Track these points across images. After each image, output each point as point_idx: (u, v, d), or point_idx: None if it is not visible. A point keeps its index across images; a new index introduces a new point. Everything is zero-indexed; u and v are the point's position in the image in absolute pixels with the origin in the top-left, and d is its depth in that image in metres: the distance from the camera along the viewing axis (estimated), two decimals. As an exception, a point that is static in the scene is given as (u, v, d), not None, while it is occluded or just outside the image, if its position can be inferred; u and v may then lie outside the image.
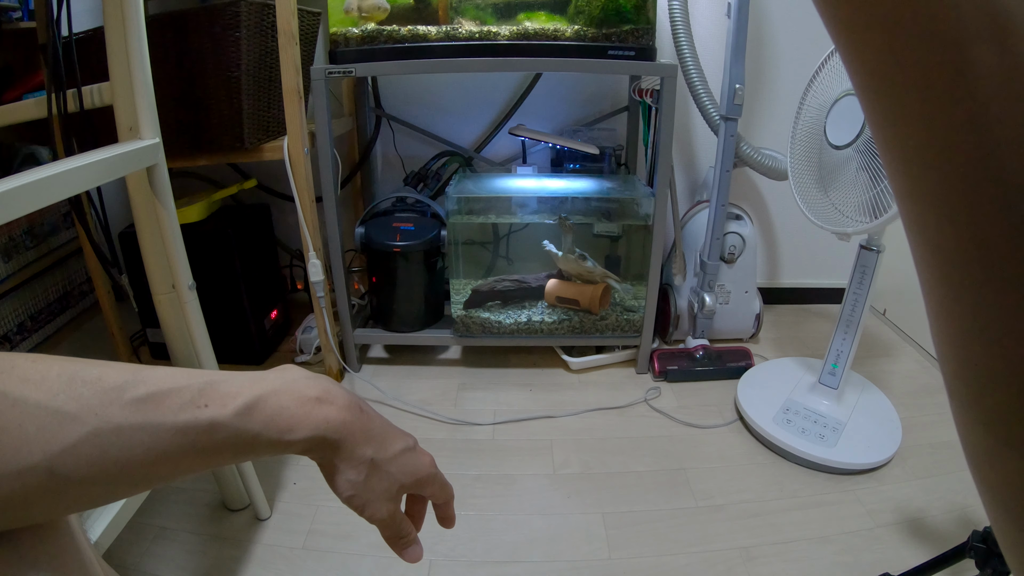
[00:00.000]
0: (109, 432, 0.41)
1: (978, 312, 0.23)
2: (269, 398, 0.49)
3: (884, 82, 0.23)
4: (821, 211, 1.35)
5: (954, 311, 0.24)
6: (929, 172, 0.23)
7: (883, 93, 0.23)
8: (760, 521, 1.29)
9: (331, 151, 1.59)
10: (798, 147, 1.41)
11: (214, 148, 1.49)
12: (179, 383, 0.46)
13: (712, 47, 1.89)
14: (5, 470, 0.38)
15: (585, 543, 1.24)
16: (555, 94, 2.04)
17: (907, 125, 0.23)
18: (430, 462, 0.61)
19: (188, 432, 0.44)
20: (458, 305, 1.85)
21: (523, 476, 1.43)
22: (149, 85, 0.93)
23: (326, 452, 0.52)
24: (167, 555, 1.20)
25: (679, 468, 1.45)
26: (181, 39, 1.39)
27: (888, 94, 0.23)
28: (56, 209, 1.86)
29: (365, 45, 1.53)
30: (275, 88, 1.52)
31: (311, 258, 1.62)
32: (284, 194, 2.01)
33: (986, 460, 0.26)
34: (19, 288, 1.71)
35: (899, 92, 0.23)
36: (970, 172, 0.22)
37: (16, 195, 0.68)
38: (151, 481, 0.45)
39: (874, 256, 1.37)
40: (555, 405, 1.69)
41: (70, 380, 0.42)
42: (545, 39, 1.50)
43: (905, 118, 0.23)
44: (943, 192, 0.23)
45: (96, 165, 0.82)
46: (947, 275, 0.24)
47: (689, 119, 2.04)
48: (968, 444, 0.27)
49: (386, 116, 2.03)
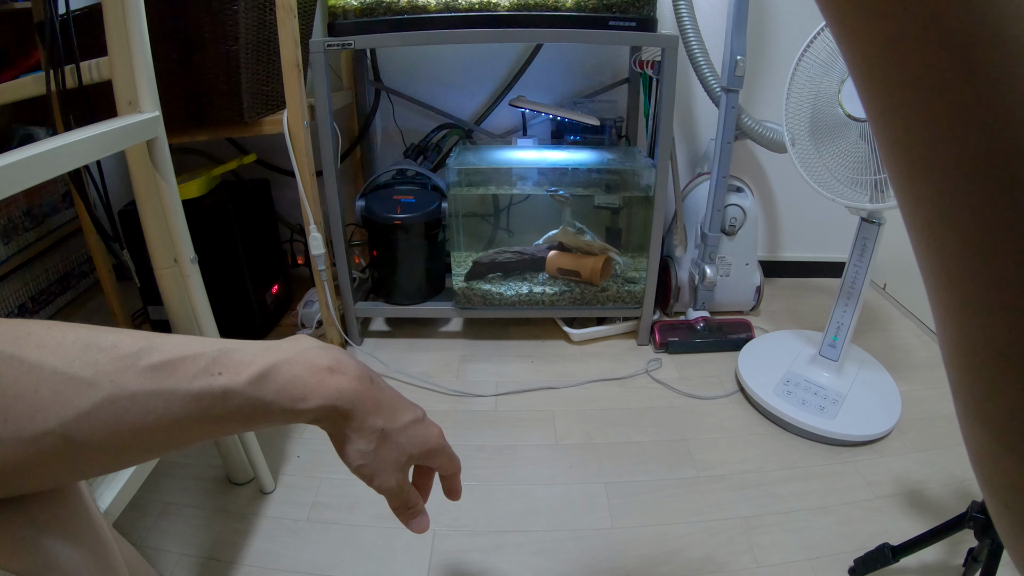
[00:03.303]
0: (124, 398, 0.42)
1: (984, 320, 0.23)
2: (282, 367, 0.49)
3: (887, 80, 0.22)
4: (820, 178, 1.35)
5: (960, 317, 0.24)
6: (934, 175, 0.22)
7: (886, 93, 0.22)
8: (760, 491, 1.30)
9: (331, 124, 1.59)
10: (794, 102, 1.40)
11: (213, 123, 1.48)
12: (193, 351, 0.46)
13: (713, 18, 1.87)
14: (20, 435, 0.38)
15: (587, 513, 1.25)
16: (556, 66, 2.03)
17: (908, 127, 0.22)
18: (438, 433, 0.62)
19: (202, 399, 0.45)
20: (459, 277, 1.85)
21: (525, 447, 1.44)
22: (148, 58, 0.93)
23: (337, 421, 0.53)
24: (172, 530, 1.21)
25: (680, 439, 1.46)
26: (179, 13, 1.38)
27: (891, 92, 0.22)
28: (55, 190, 1.86)
29: (364, 17, 1.52)
30: (274, 62, 1.51)
31: (312, 232, 1.61)
32: (284, 169, 2.00)
33: (990, 463, 0.26)
34: (19, 269, 1.71)
35: (903, 92, 0.22)
36: (979, 177, 0.21)
37: (16, 169, 0.68)
38: (164, 448, 0.46)
39: (875, 229, 1.37)
40: (557, 376, 1.70)
41: (86, 346, 0.42)
42: (546, 9, 1.49)
43: (907, 119, 0.22)
44: (949, 196, 0.22)
45: (96, 138, 0.82)
46: (952, 281, 0.23)
47: (690, 91, 2.03)
48: (972, 446, 0.27)
49: (385, 89, 2.02)
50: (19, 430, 0.38)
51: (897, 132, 0.23)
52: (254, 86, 1.47)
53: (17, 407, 0.38)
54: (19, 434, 0.38)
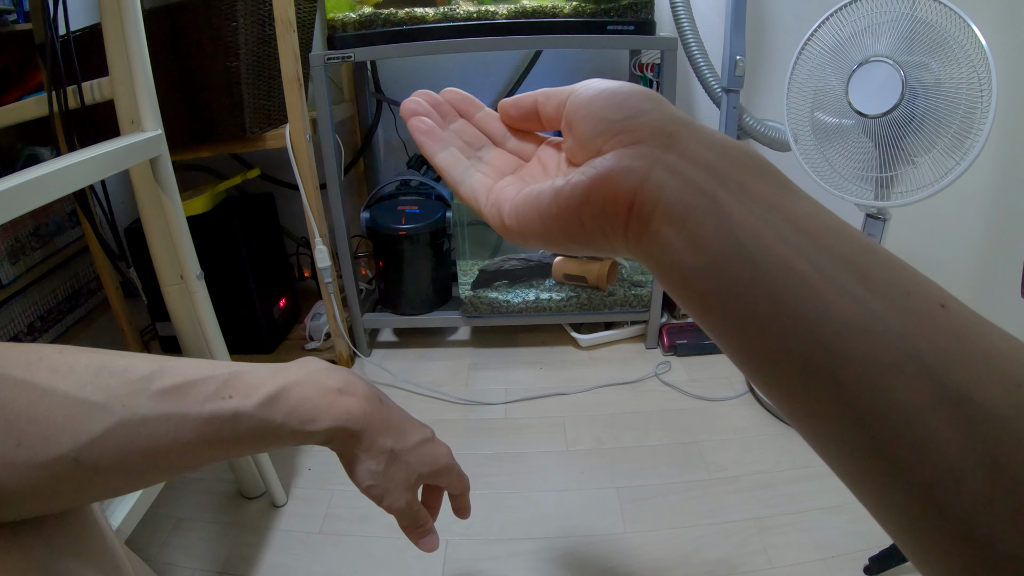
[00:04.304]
0: (136, 422, 0.42)
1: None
2: (292, 389, 0.50)
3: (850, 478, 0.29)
4: (825, 174, 1.34)
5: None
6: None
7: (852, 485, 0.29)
8: (773, 492, 1.30)
9: (333, 137, 1.59)
10: (795, 98, 1.39)
11: (216, 138, 1.49)
12: (204, 374, 0.46)
13: (711, 19, 1.87)
14: (34, 459, 0.39)
15: (600, 518, 1.25)
16: (556, 72, 2.03)
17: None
18: (447, 453, 0.62)
19: (213, 422, 0.45)
20: (466, 286, 1.85)
21: (536, 454, 1.44)
22: (149, 77, 0.93)
23: (347, 442, 0.53)
24: (186, 545, 1.21)
25: (692, 441, 1.46)
26: (178, 31, 1.39)
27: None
28: (61, 208, 1.87)
29: (363, 29, 1.52)
30: (275, 76, 1.52)
31: (317, 245, 1.62)
32: (288, 182, 2.01)
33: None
34: (28, 289, 1.72)
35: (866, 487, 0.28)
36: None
37: (21, 191, 0.69)
38: (176, 470, 0.46)
39: (881, 225, 1.36)
40: (566, 382, 1.70)
41: (98, 371, 0.42)
42: (544, 16, 1.49)
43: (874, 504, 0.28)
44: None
45: (100, 159, 0.82)
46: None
47: (690, 92, 2.03)
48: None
49: (387, 100, 2.02)
50: (33, 454, 0.39)
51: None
52: (255, 101, 1.48)
53: (31, 431, 0.39)
54: (33, 458, 0.39)
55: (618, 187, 0.31)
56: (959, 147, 1.12)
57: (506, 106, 0.44)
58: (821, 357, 0.26)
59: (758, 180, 0.30)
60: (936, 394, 0.24)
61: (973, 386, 0.24)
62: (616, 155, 0.32)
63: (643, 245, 0.32)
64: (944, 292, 0.27)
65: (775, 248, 0.27)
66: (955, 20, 1.09)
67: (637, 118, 0.32)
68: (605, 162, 0.32)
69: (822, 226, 0.28)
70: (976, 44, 1.07)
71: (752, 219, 0.28)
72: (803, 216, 0.28)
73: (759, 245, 0.27)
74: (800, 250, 0.27)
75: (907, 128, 1.17)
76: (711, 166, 0.30)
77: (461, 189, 0.41)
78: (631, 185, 0.31)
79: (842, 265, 0.27)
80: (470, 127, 0.45)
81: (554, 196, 0.34)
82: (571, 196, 0.33)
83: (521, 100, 0.43)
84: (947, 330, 0.25)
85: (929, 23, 1.13)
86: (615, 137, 0.33)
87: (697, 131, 0.32)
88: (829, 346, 0.25)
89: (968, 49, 1.08)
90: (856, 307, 0.25)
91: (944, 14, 1.11)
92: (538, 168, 0.42)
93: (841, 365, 0.25)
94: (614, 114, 0.33)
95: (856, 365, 0.25)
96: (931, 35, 1.13)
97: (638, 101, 0.33)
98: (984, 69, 1.06)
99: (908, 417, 0.24)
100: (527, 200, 0.36)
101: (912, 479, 0.24)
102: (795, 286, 0.26)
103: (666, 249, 0.30)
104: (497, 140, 0.45)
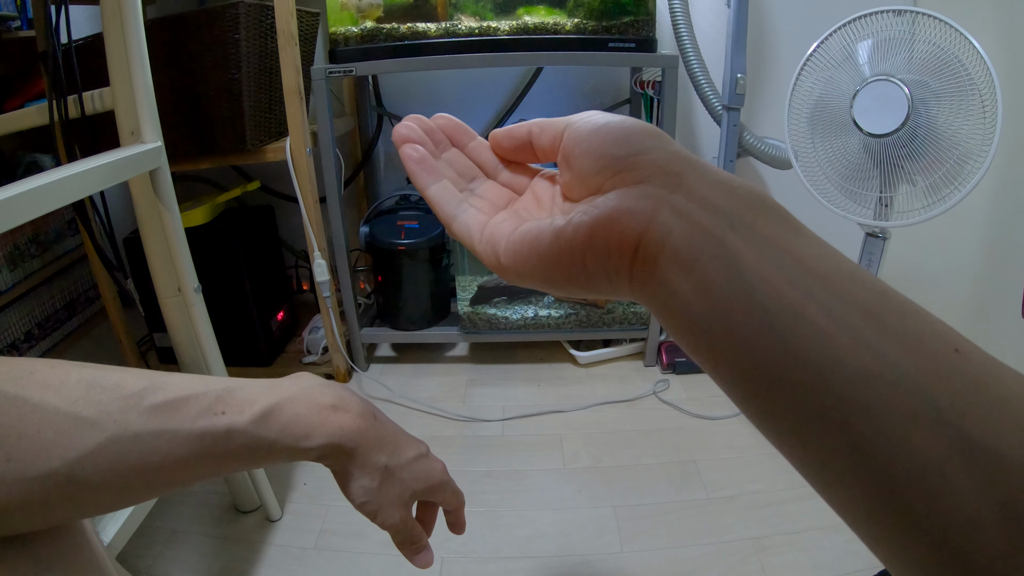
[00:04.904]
0: (127, 438, 0.42)
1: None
2: (285, 405, 0.49)
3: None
4: (826, 191, 1.34)
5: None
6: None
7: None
8: (771, 511, 1.29)
9: (333, 151, 1.59)
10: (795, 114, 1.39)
11: (216, 150, 1.49)
12: (197, 390, 0.46)
13: (713, 37, 1.88)
14: (24, 475, 0.38)
15: (597, 537, 1.24)
16: (557, 88, 2.04)
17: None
18: (442, 469, 0.62)
19: (205, 439, 0.45)
20: (464, 302, 1.84)
21: (533, 471, 1.43)
22: (150, 89, 0.93)
23: (340, 459, 0.53)
24: (179, 558, 1.20)
25: (689, 460, 1.45)
26: (180, 42, 1.39)
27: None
28: (60, 216, 1.87)
29: (365, 44, 1.53)
30: (276, 89, 1.52)
31: (316, 258, 1.62)
32: (288, 195, 2.01)
33: None
34: (25, 296, 1.71)
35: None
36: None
37: (20, 201, 0.68)
38: (167, 486, 0.46)
39: (880, 244, 1.36)
40: (564, 399, 1.69)
41: (89, 386, 0.42)
42: (545, 33, 1.50)
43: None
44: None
45: (99, 170, 0.82)
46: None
47: (691, 110, 2.03)
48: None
49: (388, 114, 2.03)
50: (23, 470, 0.38)
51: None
52: (256, 114, 1.48)
53: (21, 447, 0.38)
54: (23, 473, 0.38)
55: (623, 229, 0.31)
56: (961, 170, 1.12)
57: (498, 137, 0.43)
58: (834, 408, 0.25)
59: (767, 221, 0.29)
60: (952, 443, 0.23)
61: (989, 434, 0.23)
62: (619, 195, 0.31)
63: (648, 289, 0.31)
64: (958, 335, 0.26)
65: (786, 293, 0.27)
66: (957, 38, 1.10)
67: (640, 156, 0.32)
68: (608, 202, 0.31)
69: (834, 269, 0.28)
70: (980, 63, 1.07)
71: (762, 262, 0.28)
72: (814, 259, 0.28)
73: (769, 290, 0.27)
74: (812, 295, 0.26)
75: (910, 147, 1.18)
76: (719, 207, 0.30)
77: (454, 225, 0.40)
78: (637, 228, 0.30)
79: (855, 310, 0.26)
80: (462, 157, 0.44)
81: (555, 237, 0.33)
82: (573, 237, 0.32)
83: (514, 131, 0.41)
84: (963, 376, 0.25)
85: (931, 41, 1.13)
86: (617, 175, 0.32)
87: (703, 170, 0.31)
88: (843, 397, 0.25)
89: (971, 68, 1.09)
90: (870, 354, 0.25)
91: (946, 32, 1.11)
92: (532, 202, 0.41)
93: (855, 416, 0.25)
94: (616, 151, 0.32)
95: (871, 416, 0.24)
96: (933, 54, 1.13)
97: (641, 138, 0.33)
98: (988, 88, 1.06)
99: (924, 467, 0.24)
100: (525, 240, 0.35)
101: (928, 529, 0.24)
102: (807, 334, 0.26)
103: (673, 294, 0.30)
104: (489, 171, 0.44)
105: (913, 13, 1.16)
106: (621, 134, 0.33)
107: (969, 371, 0.25)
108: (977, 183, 1.09)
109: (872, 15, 1.21)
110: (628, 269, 0.32)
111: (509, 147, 0.43)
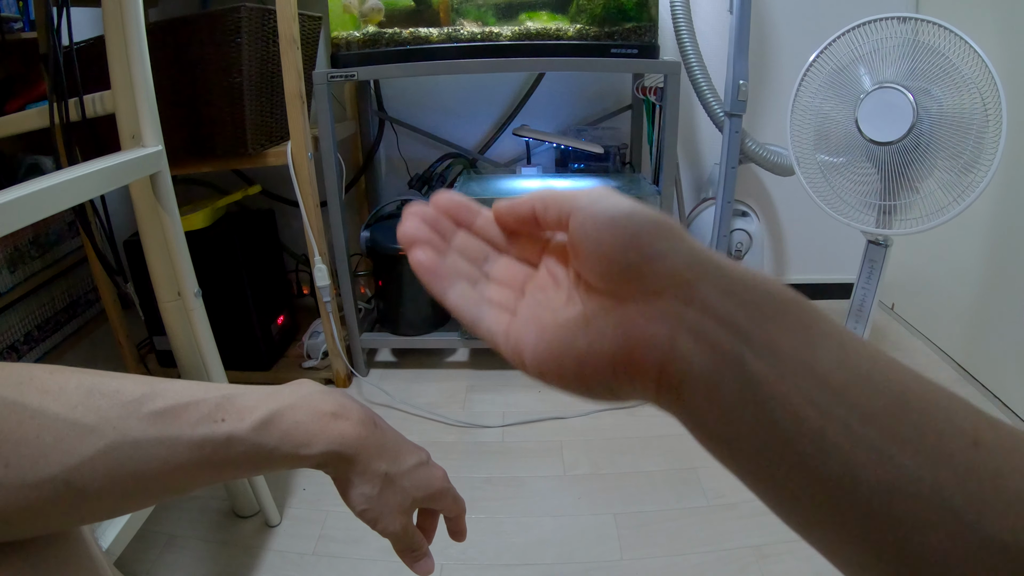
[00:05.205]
0: (127, 445, 0.41)
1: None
2: (285, 412, 0.49)
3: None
4: (828, 199, 1.34)
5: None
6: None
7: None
8: (772, 519, 1.26)
9: (335, 155, 1.59)
10: (798, 122, 1.39)
11: (217, 154, 1.49)
12: (196, 397, 0.46)
13: (715, 43, 1.88)
14: (23, 481, 0.38)
15: (597, 544, 1.24)
16: (558, 94, 2.04)
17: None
18: (443, 476, 0.61)
19: (205, 446, 0.45)
20: (465, 307, 1.84)
21: (533, 478, 1.42)
22: (151, 92, 0.93)
23: (341, 466, 0.53)
24: (178, 563, 1.20)
25: (690, 467, 1.44)
26: (182, 46, 1.39)
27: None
28: (61, 218, 1.86)
29: (366, 48, 1.53)
30: (277, 93, 1.52)
31: (317, 263, 1.61)
32: (289, 199, 2.01)
33: None
34: (25, 298, 1.71)
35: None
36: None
37: (20, 205, 0.68)
38: (166, 493, 0.45)
39: (882, 251, 1.36)
40: (564, 406, 1.68)
41: (88, 392, 0.42)
42: (547, 39, 1.50)
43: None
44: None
45: (99, 174, 0.82)
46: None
47: (693, 116, 2.03)
48: None
49: (389, 119, 2.03)
50: (22, 476, 0.38)
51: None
52: (258, 118, 1.48)
53: (20, 453, 0.38)
54: (22, 480, 0.38)
55: (643, 359, 0.31)
56: (964, 177, 1.12)
57: (501, 213, 0.41)
58: (855, 523, 0.26)
59: (783, 332, 0.29)
60: (972, 543, 0.24)
61: (1009, 530, 0.24)
62: (633, 318, 0.31)
63: (674, 409, 0.32)
64: (979, 422, 0.26)
65: (807, 417, 0.27)
66: (960, 45, 1.09)
67: (652, 264, 0.31)
68: (623, 327, 0.31)
69: (851, 378, 0.28)
70: (983, 70, 1.07)
71: (781, 384, 0.28)
72: (831, 369, 0.28)
73: (789, 414, 0.28)
74: (831, 413, 0.27)
75: (913, 155, 1.17)
76: (734, 322, 0.29)
77: (479, 330, 0.39)
78: (656, 360, 0.30)
79: (871, 423, 0.26)
80: (472, 239, 0.42)
81: (578, 365, 0.33)
82: (596, 367, 0.32)
83: (517, 208, 0.40)
84: (982, 473, 0.25)
85: (933, 48, 1.13)
86: (629, 284, 0.31)
87: (714, 273, 0.31)
88: (864, 512, 0.26)
89: (973, 75, 1.08)
90: (887, 467, 0.26)
91: (947, 39, 1.11)
92: (549, 281, 0.40)
93: (876, 529, 0.26)
94: (625, 257, 0.31)
95: (892, 527, 0.25)
96: (935, 60, 1.13)
97: (650, 239, 0.31)
98: (992, 95, 1.06)
99: (945, 568, 0.24)
100: (551, 355, 0.35)
101: None
102: (827, 453, 0.27)
103: (700, 419, 0.31)
104: (500, 246, 0.43)
105: (916, 20, 1.15)
106: (629, 234, 0.32)
107: (989, 466, 0.25)
108: (982, 191, 1.09)
109: (874, 22, 1.21)
110: (653, 394, 0.32)
111: (514, 223, 0.42)
